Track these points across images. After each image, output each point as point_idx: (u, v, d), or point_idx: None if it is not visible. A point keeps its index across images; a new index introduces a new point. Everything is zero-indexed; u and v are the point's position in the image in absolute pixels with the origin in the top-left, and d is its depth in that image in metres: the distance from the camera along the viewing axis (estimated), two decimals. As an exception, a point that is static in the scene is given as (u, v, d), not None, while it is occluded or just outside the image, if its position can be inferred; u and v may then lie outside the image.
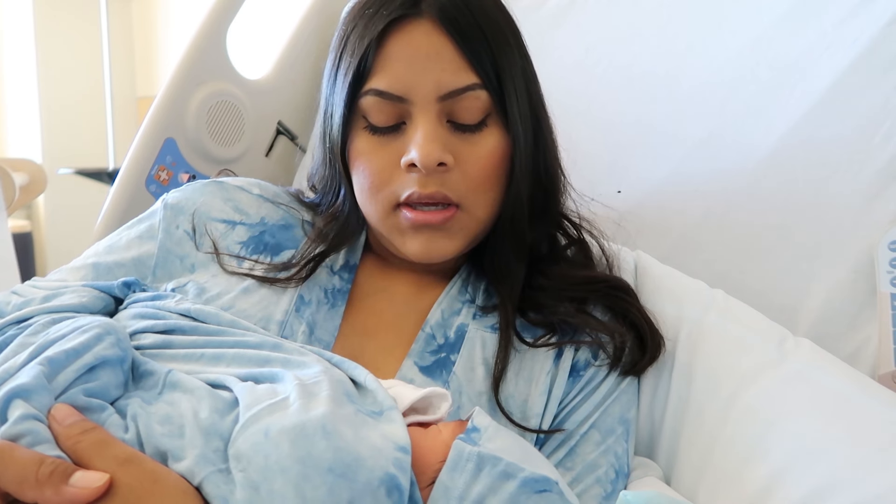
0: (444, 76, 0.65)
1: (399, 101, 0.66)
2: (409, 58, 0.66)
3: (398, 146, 0.67)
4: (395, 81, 0.66)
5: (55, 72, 3.45)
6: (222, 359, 0.55)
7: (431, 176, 0.66)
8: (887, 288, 0.77)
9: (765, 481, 0.62)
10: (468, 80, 0.66)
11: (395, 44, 0.66)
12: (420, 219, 0.67)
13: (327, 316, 0.70)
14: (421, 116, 0.66)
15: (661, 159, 0.96)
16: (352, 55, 0.67)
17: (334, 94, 0.70)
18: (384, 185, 0.68)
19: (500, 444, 0.52)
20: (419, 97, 0.66)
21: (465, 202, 0.68)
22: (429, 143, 0.65)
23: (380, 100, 0.66)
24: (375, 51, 0.66)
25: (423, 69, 0.65)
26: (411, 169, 0.66)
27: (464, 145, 0.67)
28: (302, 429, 0.45)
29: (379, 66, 0.66)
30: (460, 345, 0.69)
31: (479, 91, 0.66)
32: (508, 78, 0.68)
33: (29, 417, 0.45)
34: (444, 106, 0.66)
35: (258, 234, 0.75)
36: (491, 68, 0.67)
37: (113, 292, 0.66)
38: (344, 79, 0.68)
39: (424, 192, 0.66)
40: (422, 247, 0.68)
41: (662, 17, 1.00)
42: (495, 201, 0.70)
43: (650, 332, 0.71)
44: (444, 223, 0.67)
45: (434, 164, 0.65)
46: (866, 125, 0.82)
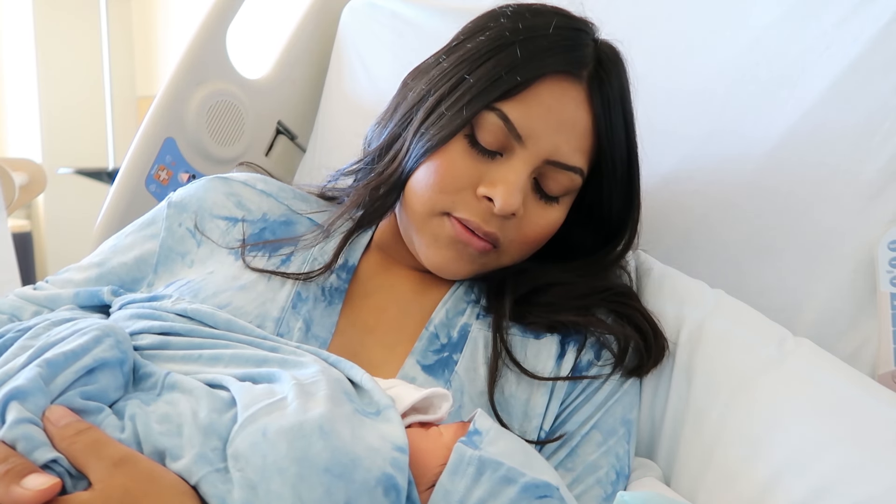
0: (565, 147, 0.68)
1: (516, 138, 0.67)
2: (549, 109, 0.67)
3: (484, 170, 0.68)
4: (526, 120, 0.66)
5: (55, 72, 3.45)
6: (220, 359, 0.55)
7: (496, 218, 0.67)
8: (887, 288, 0.77)
9: (765, 481, 0.62)
10: (579, 163, 0.69)
11: (546, 88, 0.67)
12: (464, 236, 0.68)
13: (324, 313, 0.70)
14: (521, 163, 0.67)
15: (662, 159, 0.95)
16: (504, 70, 0.66)
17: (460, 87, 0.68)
18: (448, 194, 0.68)
19: (502, 448, 0.52)
20: (534, 147, 0.67)
21: (505, 247, 0.70)
22: (517, 191, 0.66)
23: (501, 125, 0.66)
24: (528, 83, 0.66)
25: (554, 127, 0.67)
26: (484, 200, 0.67)
27: (534, 206, 0.69)
28: (299, 429, 0.45)
29: (522, 97, 0.66)
30: (463, 344, 0.69)
31: (577, 176, 0.70)
32: (614, 171, 0.72)
33: (24, 421, 0.45)
34: (542, 167, 0.68)
35: (258, 231, 0.75)
36: (606, 163, 0.71)
37: (101, 300, 0.67)
38: (481, 85, 0.67)
39: (484, 229, 0.67)
40: (445, 260, 0.70)
41: (662, 16, 1.00)
42: (524, 258, 0.73)
43: (654, 335, 0.71)
44: (478, 251, 0.69)
45: (510, 213, 0.66)
46: (866, 125, 0.82)
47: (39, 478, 0.42)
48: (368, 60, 1.26)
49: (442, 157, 0.68)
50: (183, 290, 0.68)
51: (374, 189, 0.72)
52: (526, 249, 0.72)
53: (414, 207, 0.70)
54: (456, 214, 0.68)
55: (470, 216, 0.67)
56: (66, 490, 0.44)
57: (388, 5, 1.25)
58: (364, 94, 1.24)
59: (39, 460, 0.44)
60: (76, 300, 0.69)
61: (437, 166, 0.68)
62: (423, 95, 0.71)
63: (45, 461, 0.44)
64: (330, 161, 1.24)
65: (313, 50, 1.31)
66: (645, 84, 0.98)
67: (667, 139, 0.95)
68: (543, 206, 0.70)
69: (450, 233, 0.68)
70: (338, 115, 1.28)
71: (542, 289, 0.73)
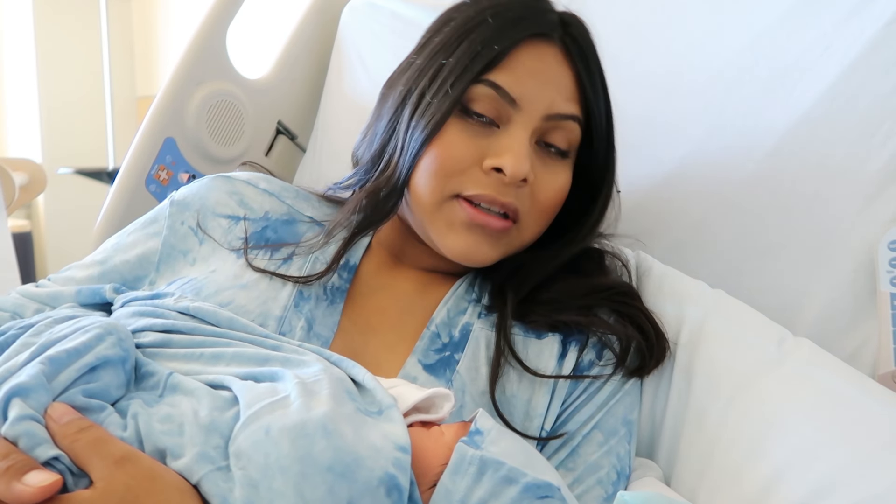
0: (559, 98, 0.69)
1: (510, 102, 0.67)
2: (534, 70, 0.68)
3: (485, 144, 0.68)
4: (514, 84, 0.67)
5: (55, 72, 3.44)
6: (222, 358, 0.55)
7: (510, 187, 0.67)
8: (887, 287, 0.77)
9: (765, 481, 0.62)
10: (574, 110, 0.70)
11: (525, 53, 0.68)
12: (480, 219, 0.67)
13: (326, 312, 0.70)
14: (520, 128, 0.68)
15: (662, 159, 0.96)
16: (481, 45, 0.68)
17: (441, 74, 0.69)
18: (455, 175, 0.68)
19: (504, 448, 0.51)
20: (529, 107, 0.68)
21: (523, 221, 0.70)
22: (524, 157, 0.66)
23: (492, 93, 0.67)
24: (507, 52, 0.67)
25: (543, 84, 0.68)
26: (492, 172, 0.67)
27: (543, 168, 0.70)
28: (302, 427, 0.45)
29: (504, 65, 0.68)
30: (465, 344, 0.69)
31: (577, 125, 0.70)
32: (607, 125, 0.74)
33: (26, 418, 0.45)
34: (542, 126, 0.69)
35: (261, 230, 0.75)
36: (599, 111, 0.72)
37: (103, 298, 0.67)
38: (463, 63, 0.68)
39: (501, 199, 0.67)
40: (466, 247, 0.68)
41: (662, 16, 1.00)
42: (542, 231, 0.73)
43: (656, 336, 0.71)
44: (498, 231, 0.68)
45: (521, 177, 0.66)
46: (866, 125, 0.82)
47: (40, 474, 0.42)
48: (368, 60, 1.26)
49: (440, 143, 0.68)
50: (185, 288, 0.68)
51: (374, 193, 0.71)
52: (543, 219, 0.72)
53: (422, 201, 0.69)
54: (466, 193, 0.67)
55: (483, 191, 0.67)
56: (68, 488, 0.44)
57: (388, 5, 1.25)
58: (364, 94, 1.24)
59: (41, 457, 0.44)
60: (78, 298, 0.69)
61: (438, 153, 0.68)
62: (405, 95, 0.71)
63: (47, 458, 0.44)
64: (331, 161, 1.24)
65: (313, 50, 1.31)
66: (645, 83, 0.99)
67: (667, 139, 0.96)
68: (552, 169, 0.70)
69: (464, 218, 0.68)
70: (338, 115, 1.28)
71: (544, 285, 0.73)
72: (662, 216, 0.94)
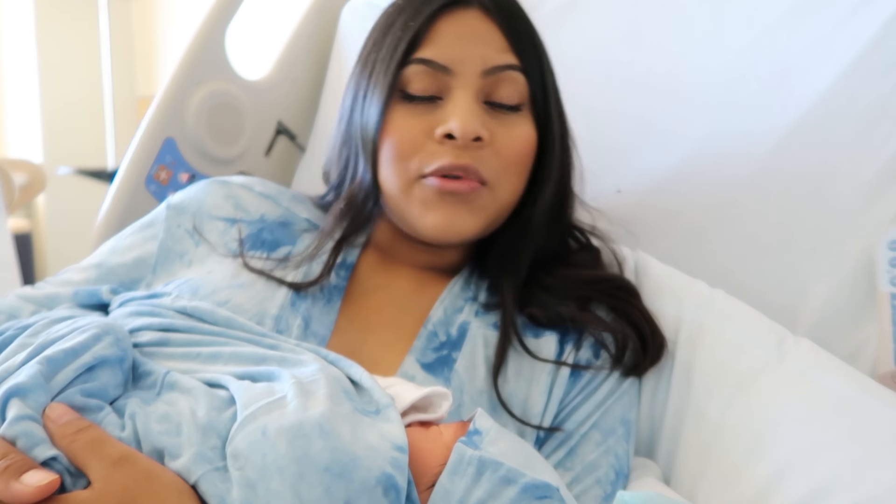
0: (490, 52, 0.69)
1: (443, 71, 0.68)
2: (458, 34, 0.69)
3: (433, 118, 0.68)
4: (442, 52, 0.68)
5: (56, 72, 3.44)
6: (219, 357, 0.55)
7: (466, 149, 0.67)
8: (887, 287, 0.77)
9: (765, 481, 0.62)
10: (511, 60, 0.69)
11: (445, 24, 0.69)
12: (447, 186, 0.67)
13: (323, 311, 0.70)
14: (461, 91, 0.68)
15: (661, 159, 0.96)
16: (401, 31, 0.69)
17: (374, 71, 0.71)
18: (412, 155, 0.68)
19: (502, 448, 0.51)
20: (463, 70, 0.68)
21: (492, 181, 0.69)
22: (469, 114, 0.66)
23: (424, 69, 0.68)
24: (426, 29, 0.68)
25: (470, 44, 0.68)
26: (445, 140, 0.67)
27: (498, 126, 0.69)
28: (299, 428, 0.45)
29: (428, 40, 0.69)
30: (462, 342, 0.69)
31: (518, 73, 0.69)
32: (546, 73, 0.72)
33: (24, 418, 0.45)
34: (484, 84, 0.68)
35: (257, 232, 0.75)
36: (533, 58, 0.71)
37: (100, 299, 0.68)
38: (389, 53, 0.69)
39: (459, 163, 0.67)
40: (442, 220, 0.68)
41: (662, 16, 1.00)
42: (518, 190, 0.72)
43: (652, 334, 0.71)
44: (469, 193, 0.68)
45: (472, 136, 0.66)
46: (866, 125, 0.82)
47: (38, 474, 0.42)
48: (368, 60, 1.25)
49: (389, 131, 0.69)
50: (182, 288, 0.68)
51: (352, 200, 0.73)
52: (513, 174, 0.70)
53: (392, 192, 0.70)
54: (428, 170, 0.68)
55: (440, 161, 0.67)
56: (66, 488, 0.44)
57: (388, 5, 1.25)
58: (364, 93, 1.24)
59: (39, 457, 0.44)
60: (75, 299, 0.69)
61: (390, 140, 0.69)
62: (352, 102, 0.74)
63: (45, 458, 0.44)
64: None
65: (313, 50, 1.31)
66: (645, 83, 0.99)
67: (666, 139, 0.96)
68: (508, 123, 0.70)
69: (432, 192, 0.68)
70: (338, 115, 1.28)
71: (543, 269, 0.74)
72: (662, 216, 0.94)
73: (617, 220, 0.86)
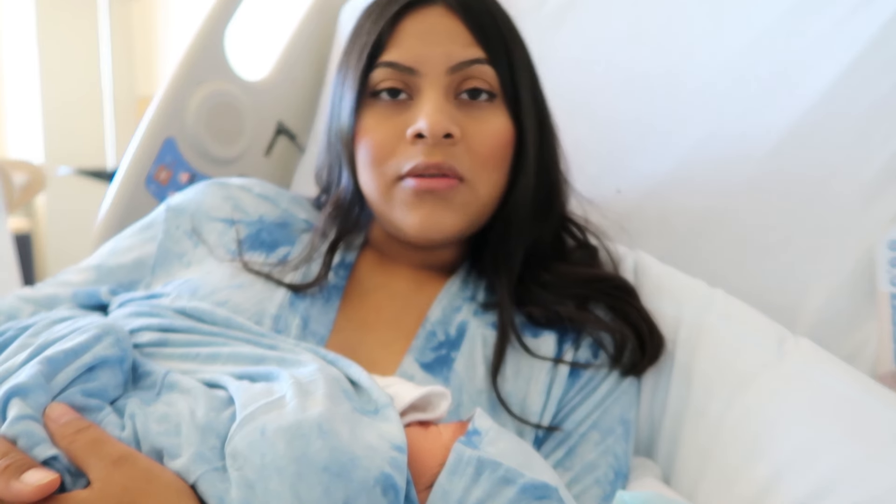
0: (455, 48, 0.68)
1: (409, 72, 0.68)
2: (421, 33, 0.68)
3: (404, 119, 0.68)
4: (406, 54, 0.68)
5: (55, 72, 3.44)
6: (218, 357, 0.55)
7: (438, 147, 0.67)
8: (887, 287, 0.77)
9: (764, 481, 0.62)
10: (477, 53, 0.69)
11: (408, 24, 0.69)
12: (423, 185, 0.67)
13: (322, 310, 0.70)
14: (429, 89, 0.68)
15: (661, 159, 0.96)
16: (367, 36, 0.69)
17: (347, 78, 0.72)
18: (387, 158, 0.68)
19: (501, 448, 0.51)
20: (429, 69, 0.68)
21: (469, 177, 0.69)
22: (437, 112, 0.66)
23: (390, 71, 0.68)
24: (389, 31, 0.68)
25: (434, 43, 0.68)
26: (417, 140, 0.67)
27: (470, 122, 0.69)
28: (298, 428, 0.45)
29: (392, 43, 0.69)
30: (461, 342, 0.69)
31: (486, 66, 0.69)
32: (516, 62, 0.71)
33: (25, 418, 0.45)
34: (452, 80, 0.68)
35: (255, 233, 0.76)
36: (500, 49, 0.70)
37: (99, 300, 0.68)
38: (356, 60, 0.70)
39: (431, 161, 0.67)
40: (422, 219, 0.68)
41: (662, 16, 1.00)
42: (498, 183, 0.71)
43: (650, 333, 0.71)
44: (447, 190, 0.68)
45: (441, 133, 0.66)
46: (866, 125, 0.82)
47: (38, 473, 0.43)
48: (368, 60, 1.25)
49: (362, 134, 0.70)
50: (181, 289, 0.68)
51: (339, 205, 0.74)
52: (490, 168, 0.70)
53: (373, 195, 0.71)
54: (404, 170, 0.68)
55: (414, 160, 0.67)
56: (66, 488, 0.44)
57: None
58: (364, 93, 1.24)
59: (39, 457, 0.44)
60: (75, 300, 0.69)
61: (364, 145, 0.70)
62: (330, 108, 0.75)
63: (45, 458, 0.44)
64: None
65: (313, 50, 1.31)
66: (645, 83, 0.99)
67: (667, 138, 0.96)
68: (479, 118, 0.70)
69: (410, 192, 0.68)
70: (338, 115, 1.28)
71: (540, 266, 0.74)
72: (662, 216, 0.94)
73: (616, 219, 0.86)
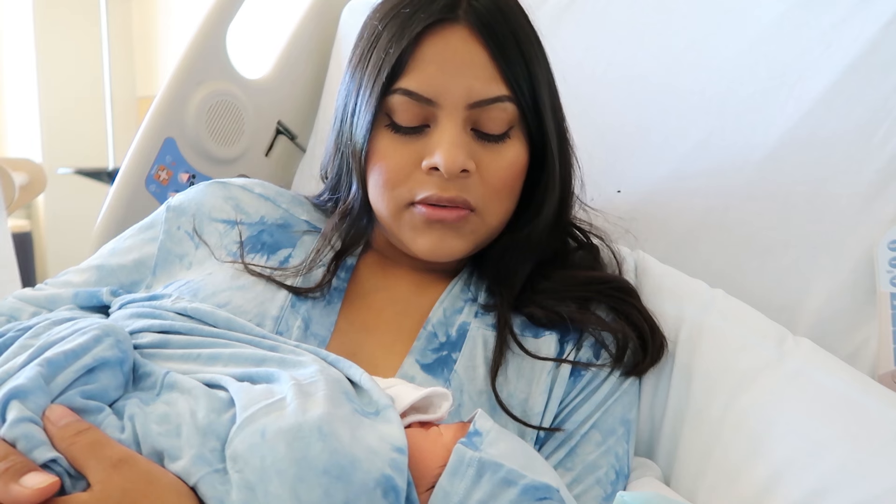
0: (476, 84, 0.66)
1: (427, 103, 0.66)
2: (442, 62, 0.66)
3: (419, 147, 0.67)
4: (425, 84, 0.66)
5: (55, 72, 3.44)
6: (219, 359, 0.55)
7: (452, 181, 0.66)
8: (887, 288, 0.77)
9: (765, 481, 0.62)
10: (498, 91, 0.67)
11: (429, 47, 0.66)
12: (434, 215, 0.67)
13: (323, 312, 0.70)
14: (447, 121, 0.67)
15: (661, 159, 0.96)
16: (385, 52, 0.67)
17: (360, 90, 0.70)
18: (400, 184, 0.68)
19: (503, 449, 0.51)
20: (448, 102, 0.66)
21: (480, 208, 0.69)
22: (454, 148, 0.65)
23: (408, 100, 0.66)
24: (410, 52, 0.66)
25: (455, 74, 0.66)
26: (432, 172, 0.67)
27: (485, 154, 0.68)
28: (298, 430, 0.45)
29: (411, 66, 0.66)
30: (462, 343, 0.69)
31: (507, 104, 0.68)
32: (539, 93, 0.69)
33: (24, 420, 0.45)
34: (470, 114, 0.67)
35: (257, 234, 0.75)
36: (524, 81, 0.68)
37: (100, 301, 0.68)
38: (373, 76, 0.68)
39: (445, 196, 0.66)
40: (432, 244, 0.69)
41: (662, 16, 1.00)
42: (509, 210, 0.72)
43: (652, 334, 0.71)
44: (456, 221, 0.68)
45: (458, 171, 0.65)
46: (866, 125, 0.82)
47: (38, 476, 0.42)
48: (368, 60, 1.25)
49: (378, 157, 0.68)
50: (182, 290, 0.68)
51: (346, 215, 0.73)
52: (502, 200, 0.70)
53: (382, 214, 0.71)
54: (417, 199, 0.68)
55: (428, 191, 0.67)
56: (65, 490, 0.44)
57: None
58: (364, 93, 1.24)
59: (39, 459, 0.44)
60: (75, 300, 0.69)
61: (378, 167, 0.69)
62: (341, 115, 0.73)
63: (45, 461, 0.44)
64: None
65: (313, 50, 1.31)
66: (645, 84, 0.99)
67: (666, 138, 0.96)
68: (495, 150, 0.69)
69: (421, 219, 0.68)
70: (338, 115, 1.28)
71: (541, 274, 0.73)
72: (662, 216, 0.94)
73: (616, 220, 0.86)
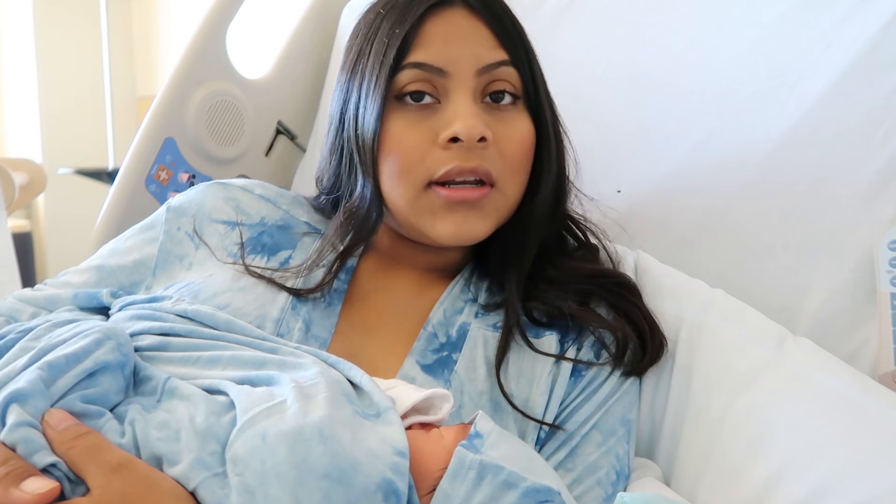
0: (481, 51, 0.68)
1: (438, 73, 0.67)
2: (447, 35, 0.68)
3: (433, 124, 0.67)
4: (434, 55, 0.67)
5: (55, 72, 3.44)
6: (218, 361, 0.55)
7: (472, 151, 0.66)
8: (887, 288, 0.77)
9: (765, 481, 0.62)
10: (502, 56, 0.69)
11: (432, 26, 0.68)
12: (456, 196, 0.67)
13: (324, 314, 0.70)
14: (459, 92, 0.67)
15: (661, 159, 0.95)
16: (388, 37, 0.68)
17: (364, 80, 0.69)
18: (418, 164, 0.67)
19: (504, 452, 0.51)
20: (458, 70, 0.67)
21: (500, 181, 0.69)
22: (471, 116, 0.66)
23: (419, 72, 0.67)
24: (414, 32, 0.68)
25: (462, 44, 0.68)
26: (450, 145, 0.66)
27: (498, 124, 0.69)
28: (299, 433, 0.45)
29: (417, 44, 0.68)
30: (462, 344, 0.69)
31: (511, 69, 0.69)
32: (534, 64, 0.72)
33: (24, 424, 0.45)
34: (480, 82, 0.68)
35: (257, 235, 0.75)
36: (522, 52, 0.70)
37: (100, 302, 0.67)
38: (378, 61, 0.68)
39: (468, 166, 0.66)
40: (455, 226, 0.68)
41: (662, 16, 1.00)
42: (523, 185, 0.72)
43: (652, 333, 0.71)
44: (479, 199, 0.68)
45: (477, 137, 0.66)
46: (866, 125, 0.81)
47: (38, 481, 0.42)
48: (368, 60, 1.25)
49: (389, 141, 0.68)
50: (183, 292, 0.68)
51: (353, 214, 0.71)
52: (518, 172, 0.70)
53: (398, 203, 0.69)
54: (435, 177, 0.67)
55: (448, 165, 0.66)
56: (65, 495, 0.44)
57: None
58: (364, 93, 1.24)
59: (39, 464, 0.44)
60: (75, 301, 0.69)
61: (392, 150, 0.68)
62: (341, 110, 0.73)
63: (45, 465, 0.44)
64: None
65: (313, 50, 1.31)
66: (645, 83, 0.99)
67: (666, 138, 0.95)
68: (506, 121, 0.69)
69: (442, 202, 0.67)
70: (338, 115, 1.28)
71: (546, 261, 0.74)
72: (662, 216, 0.94)
73: (616, 219, 0.86)
